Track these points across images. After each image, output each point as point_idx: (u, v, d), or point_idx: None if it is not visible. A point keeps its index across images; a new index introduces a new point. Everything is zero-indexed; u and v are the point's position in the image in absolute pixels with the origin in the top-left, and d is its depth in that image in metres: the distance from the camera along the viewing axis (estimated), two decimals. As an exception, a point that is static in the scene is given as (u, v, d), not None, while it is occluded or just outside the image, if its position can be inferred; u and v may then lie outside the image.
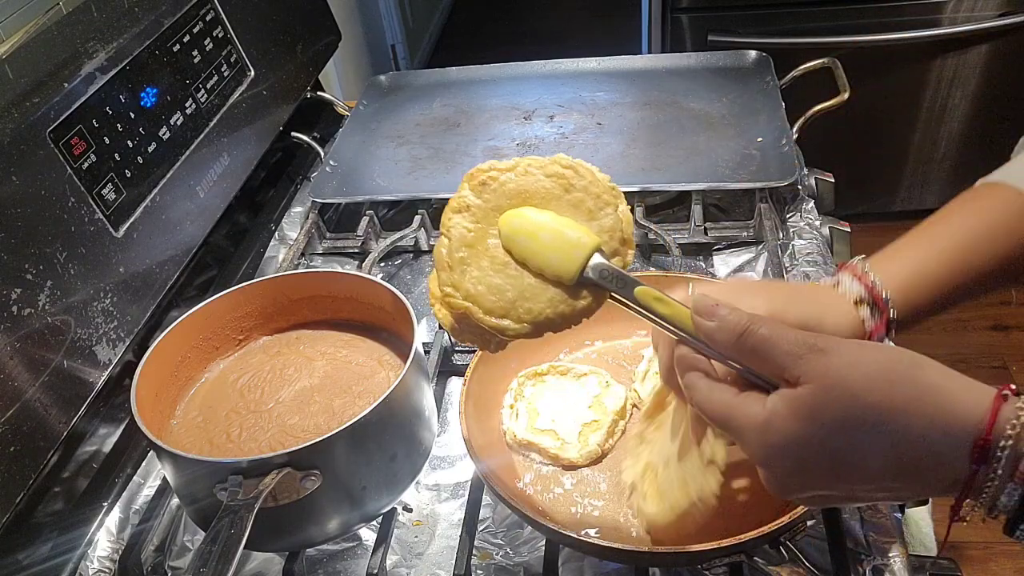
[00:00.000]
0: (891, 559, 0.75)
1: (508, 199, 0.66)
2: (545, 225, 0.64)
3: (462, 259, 0.66)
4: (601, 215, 0.64)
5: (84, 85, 0.92)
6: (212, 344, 0.91)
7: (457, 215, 0.66)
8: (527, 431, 0.86)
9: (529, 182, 0.65)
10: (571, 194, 0.64)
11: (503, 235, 0.65)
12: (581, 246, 0.62)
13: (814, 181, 1.23)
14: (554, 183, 0.65)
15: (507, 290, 0.64)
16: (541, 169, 0.65)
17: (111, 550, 0.85)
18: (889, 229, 0.57)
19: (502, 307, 0.64)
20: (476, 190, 0.66)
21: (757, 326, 0.53)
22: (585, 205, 0.64)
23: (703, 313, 0.56)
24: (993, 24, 2.26)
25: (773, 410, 0.51)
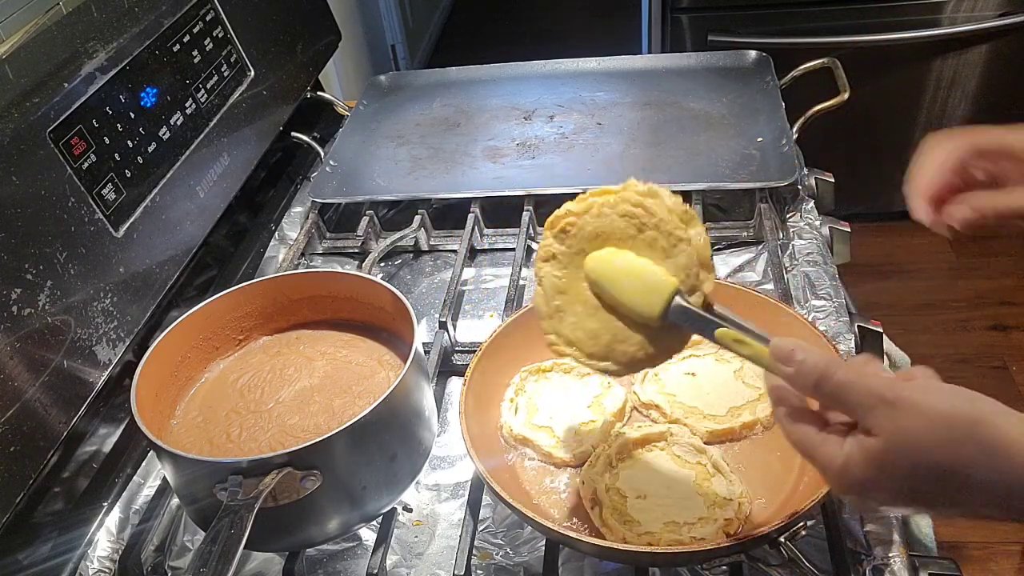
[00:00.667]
0: (891, 559, 0.75)
1: (589, 242, 0.68)
2: (625, 270, 0.65)
3: (558, 307, 0.69)
4: (675, 252, 0.64)
5: (84, 85, 0.92)
6: (212, 344, 0.91)
7: (546, 264, 0.70)
8: (524, 426, 0.86)
9: (605, 224, 0.67)
10: (644, 233, 0.65)
11: (589, 280, 0.68)
12: (660, 291, 0.64)
13: (814, 181, 1.23)
14: (627, 223, 0.66)
15: (603, 335, 0.67)
16: (613, 209, 0.66)
17: (111, 550, 0.85)
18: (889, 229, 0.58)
19: (601, 351, 0.68)
20: (559, 237, 0.69)
21: (832, 373, 0.55)
22: (659, 244, 0.65)
23: (780, 359, 0.58)
24: (993, 24, 2.26)
25: (849, 455, 0.54)
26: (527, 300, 1.09)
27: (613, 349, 0.67)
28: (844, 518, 0.79)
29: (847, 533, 0.77)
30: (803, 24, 2.28)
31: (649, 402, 0.88)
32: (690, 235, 0.64)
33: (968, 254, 2.65)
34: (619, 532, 0.75)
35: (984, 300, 2.48)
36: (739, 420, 0.84)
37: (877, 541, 0.77)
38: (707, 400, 0.87)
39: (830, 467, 0.55)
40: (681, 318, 0.64)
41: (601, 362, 0.68)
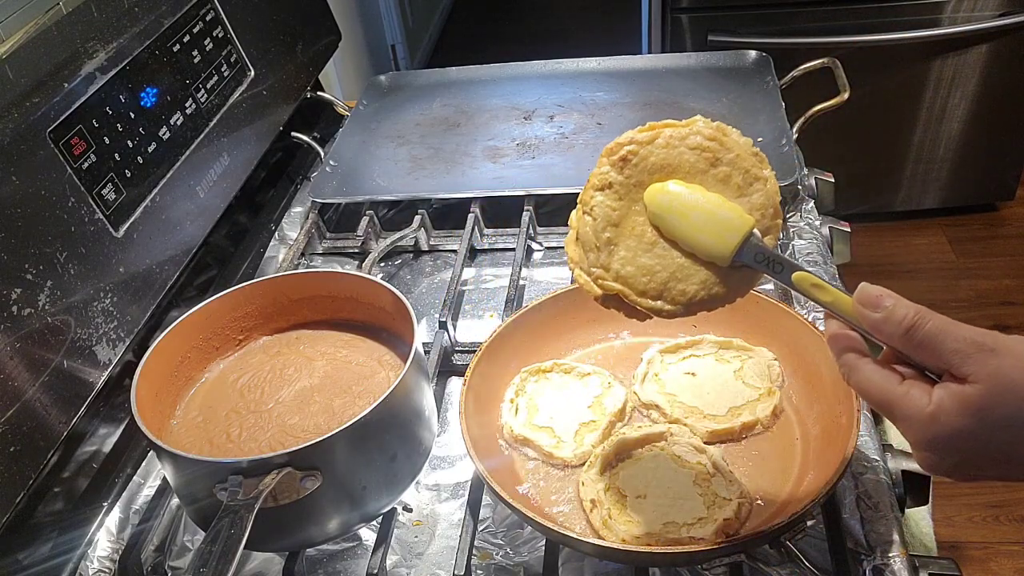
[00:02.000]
0: (891, 559, 0.75)
1: (650, 174, 0.64)
2: (696, 204, 0.61)
3: (609, 239, 0.64)
4: (751, 191, 0.61)
5: (84, 85, 0.92)
6: (212, 344, 0.91)
7: (599, 192, 0.65)
8: (524, 426, 0.86)
9: (672, 155, 0.63)
10: (718, 168, 0.62)
11: (650, 212, 0.63)
12: (735, 228, 0.60)
13: (814, 181, 1.23)
14: (699, 156, 0.62)
15: (658, 271, 0.63)
16: (683, 141, 0.62)
17: (111, 550, 0.85)
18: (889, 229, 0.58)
19: (655, 288, 0.64)
20: (616, 166, 0.64)
21: (925, 320, 0.53)
22: (733, 180, 0.62)
23: (868, 304, 0.55)
24: (993, 24, 2.26)
25: (939, 405, 0.52)
26: (527, 300, 1.09)
27: (670, 288, 0.63)
28: (844, 518, 0.79)
29: (847, 533, 0.77)
30: (803, 24, 2.28)
31: (649, 402, 0.88)
32: (766, 175, 0.61)
33: (968, 254, 2.65)
34: (619, 532, 0.75)
35: (984, 300, 2.48)
36: (739, 420, 0.84)
37: (877, 541, 0.77)
38: (707, 400, 0.87)
39: (917, 416, 0.52)
40: (756, 259, 0.60)
41: (655, 301, 0.64)
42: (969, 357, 0.51)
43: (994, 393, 0.50)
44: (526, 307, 0.93)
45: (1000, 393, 0.50)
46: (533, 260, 1.21)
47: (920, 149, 2.57)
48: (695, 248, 0.62)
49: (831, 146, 1.54)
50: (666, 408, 0.87)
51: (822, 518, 0.78)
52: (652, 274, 0.64)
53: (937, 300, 2.47)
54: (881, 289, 0.56)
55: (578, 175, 1.25)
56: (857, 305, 0.56)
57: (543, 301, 0.93)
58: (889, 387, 0.54)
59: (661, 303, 0.64)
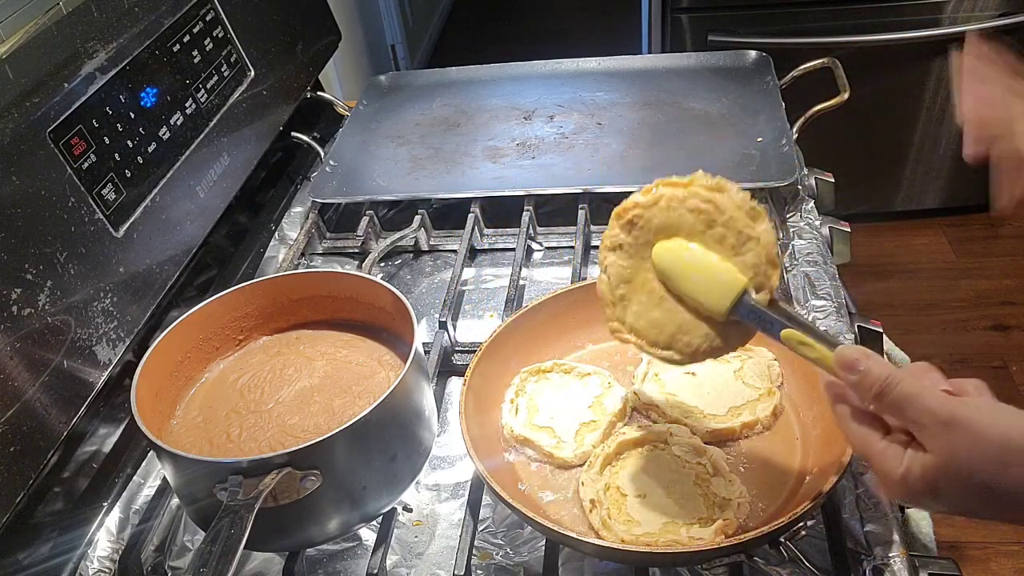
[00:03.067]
0: (891, 559, 0.75)
1: (656, 234, 0.69)
2: (694, 265, 0.67)
3: (622, 295, 0.72)
4: (744, 250, 0.65)
5: (84, 85, 0.92)
6: (212, 344, 0.91)
7: (611, 253, 0.71)
8: (524, 427, 0.86)
9: (673, 217, 0.68)
10: (713, 229, 0.66)
11: (657, 270, 0.69)
12: (728, 289, 0.65)
13: (814, 181, 1.23)
14: (696, 218, 0.67)
15: (666, 325, 0.70)
16: (682, 203, 0.67)
17: (111, 550, 0.85)
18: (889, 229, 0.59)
19: (665, 340, 0.70)
20: (625, 228, 0.70)
21: (892, 386, 0.56)
22: (728, 241, 0.66)
23: (844, 367, 0.60)
24: (993, 24, 2.26)
25: (908, 468, 0.56)
26: (527, 300, 1.09)
27: (677, 340, 0.69)
28: (844, 518, 0.79)
29: (847, 533, 0.77)
30: (803, 24, 2.28)
31: (649, 402, 0.88)
32: (758, 233, 0.65)
33: (968, 254, 2.65)
34: (618, 532, 0.75)
35: (984, 300, 2.48)
36: (739, 420, 0.84)
37: (877, 541, 0.77)
38: (707, 400, 0.87)
39: (890, 476, 0.57)
40: (748, 316, 0.65)
41: (664, 351, 0.70)
42: (926, 429, 0.55)
43: (947, 467, 0.54)
44: (526, 307, 0.93)
45: (951, 467, 0.54)
46: (533, 260, 1.21)
47: (920, 149, 2.57)
48: (695, 305, 0.67)
49: (831, 146, 1.54)
50: (666, 408, 0.87)
51: (822, 518, 0.78)
52: (661, 327, 0.70)
53: (937, 300, 2.47)
54: (859, 351, 0.59)
55: (578, 175, 1.25)
56: (835, 367, 0.61)
57: (543, 301, 0.93)
58: (870, 442, 0.59)
59: (671, 353, 0.70)
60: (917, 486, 0.55)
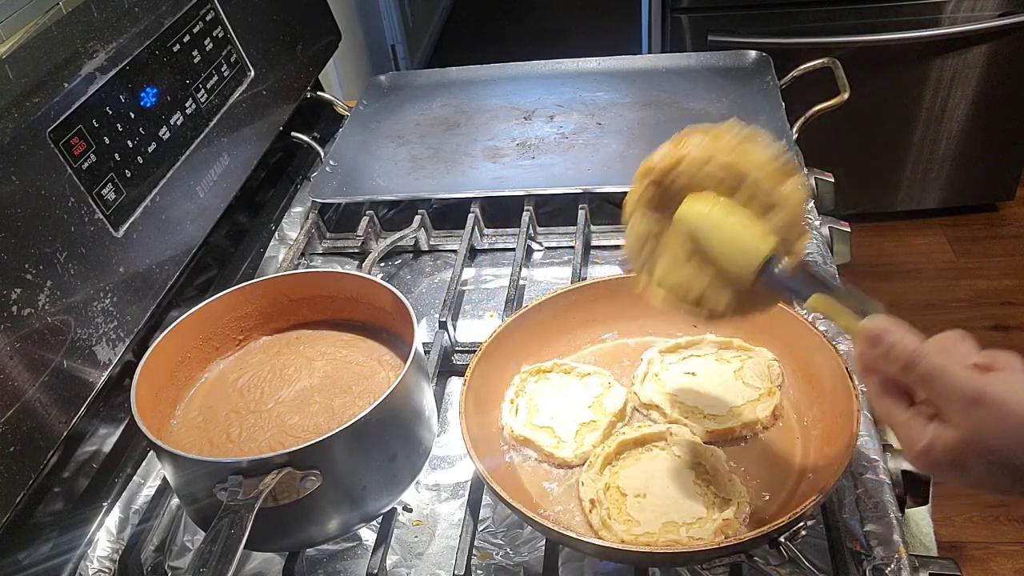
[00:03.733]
0: (891, 559, 0.75)
1: (682, 192, 0.67)
2: (720, 227, 0.65)
3: (648, 255, 0.70)
4: (772, 212, 0.64)
5: (84, 85, 0.92)
6: (212, 344, 0.91)
7: (636, 212, 0.70)
8: (525, 427, 0.86)
9: (698, 177, 0.66)
10: (741, 191, 0.64)
11: (682, 227, 0.67)
12: (754, 254, 0.64)
13: (814, 181, 1.23)
14: (726, 174, 0.65)
15: (691, 289, 0.69)
16: (709, 161, 0.65)
17: (111, 550, 0.85)
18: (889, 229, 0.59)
19: (693, 298, 0.69)
20: (649, 187, 0.68)
21: (919, 359, 0.56)
22: (757, 201, 0.64)
23: (870, 340, 0.59)
24: (993, 24, 2.26)
25: (932, 441, 0.56)
26: (527, 300, 1.09)
27: (707, 298, 0.68)
28: (844, 518, 0.79)
29: (847, 533, 0.77)
30: (803, 24, 2.28)
31: (649, 402, 0.88)
32: (784, 196, 0.63)
33: (968, 254, 2.65)
34: (618, 532, 0.75)
35: (984, 300, 2.48)
36: (739, 420, 0.84)
37: (877, 541, 0.77)
38: (707, 400, 0.87)
39: (913, 447, 0.57)
40: (775, 282, 0.64)
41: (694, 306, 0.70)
42: (951, 404, 0.54)
43: (969, 442, 0.54)
44: (526, 307, 0.93)
45: (974, 443, 0.54)
46: (533, 260, 1.21)
47: (920, 149, 2.57)
48: (721, 267, 0.66)
49: (831, 146, 1.54)
50: (666, 408, 0.87)
51: (822, 518, 0.78)
52: (687, 290, 0.69)
53: (937, 300, 2.47)
54: (884, 323, 0.59)
55: (578, 175, 1.25)
56: (861, 340, 0.60)
57: (543, 301, 0.93)
58: (895, 414, 0.59)
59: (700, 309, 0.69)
60: (941, 459, 0.55)
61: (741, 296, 0.67)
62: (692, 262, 0.68)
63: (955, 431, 0.54)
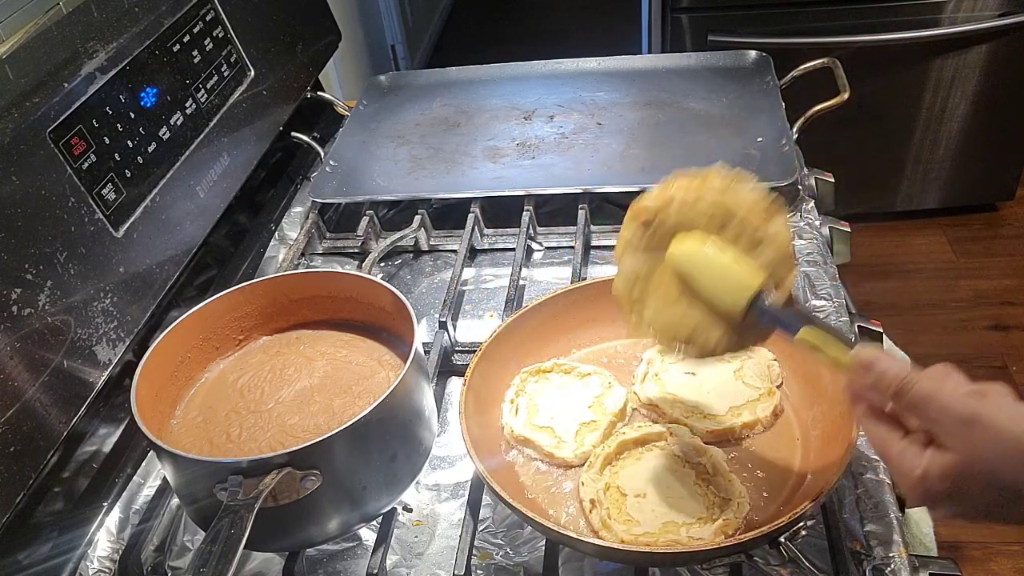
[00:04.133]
0: (891, 559, 0.75)
1: (672, 231, 0.69)
2: (709, 265, 0.67)
3: (639, 296, 0.72)
4: (760, 248, 0.65)
5: (84, 85, 0.92)
6: (212, 344, 0.91)
7: (627, 253, 0.71)
8: (525, 427, 0.86)
9: (688, 216, 0.68)
10: (729, 228, 0.66)
11: (673, 269, 0.69)
12: (743, 289, 0.65)
13: (814, 181, 1.23)
14: (714, 212, 0.66)
15: (682, 327, 0.70)
16: (693, 206, 0.67)
17: (111, 550, 0.85)
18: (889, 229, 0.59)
19: (683, 337, 0.70)
20: (640, 229, 0.70)
21: (910, 387, 0.56)
22: (745, 237, 0.65)
23: (861, 367, 0.59)
24: (993, 24, 2.26)
25: (927, 468, 0.55)
26: (527, 300, 1.09)
27: (696, 337, 0.69)
28: (844, 518, 0.79)
29: (847, 533, 0.77)
30: (803, 24, 2.28)
31: (649, 402, 0.88)
32: (772, 233, 0.65)
33: (968, 254, 2.65)
34: (618, 532, 0.75)
35: (984, 300, 2.48)
36: (739, 420, 0.84)
37: (877, 541, 0.77)
38: (707, 400, 0.87)
39: (908, 476, 0.56)
40: (764, 316, 0.65)
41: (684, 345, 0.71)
42: (946, 428, 0.54)
43: (968, 465, 0.53)
44: (526, 307, 0.93)
45: (972, 465, 0.53)
46: (533, 260, 1.21)
47: (920, 149, 2.57)
48: (711, 304, 0.67)
49: (831, 146, 1.54)
50: (666, 408, 0.87)
51: (822, 518, 0.78)
52: (677, 328, 0.70)
53: (937, 300, 2.47)
54: (875, 354, 0.59)
55: (578, 175, 1.25)
56: (851, 369, 0.60)
57: (543, 301, 0.93)
58: (889, 445, 0.58)
59: (690, 347, 0.70)
60: (936, 486, 0.55)
61: (731, 332, 0.68)
62: (682, 300, 0.69)
63: (951, 455, 0.54)
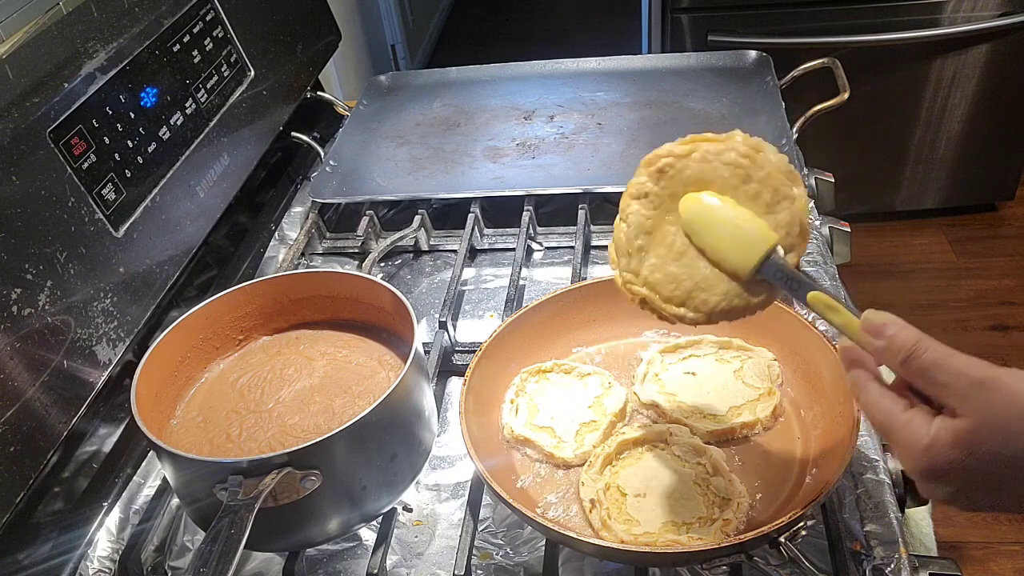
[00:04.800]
0: (891, 559, 0.75)
1: (685, 186, 0.66)
2: (724, 217, 0.64)
3: (640, 247, 0.68)
4: (778, 208, 0.63)
5: (84, 85, 0.92)
6: (212, 344, 0.91)
7: (635, 201, 0.68)
8: (525, 427, 0.86)
9: (707, 170, 0.65)
10: (748, 185, 0.64)
11: (683, 221, 0.66)
12: (758, 244, 0.63)
13: (814, 181, 1.23)
14: (732, 172, 0.64)
15: (684, 280, 0.66)
16: (718, 156, 0.64)
17: (111, 550, 0.85)
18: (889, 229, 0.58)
19: (680, 296, 0.67)
20: (653, 177, 0.67)
21: (922, 351, 0.53)
22: (762, 197, 0.63)
23: (871, 331, 0.57)
24: (993, 24, 2.26)
25: (936, 436, 0.52)
26: (527, 300, 1.09)
27: (693, 296, 0.66)
28: (844, 518, 0.79)
29: (847, 533, 0.77)
30: (803, 24, 2.28)
31: (649, 402, 0.88)
32: (795, 193, 0.63)
33: (968, 254, 2.65)
34: (618, 532, 0.75)
35: (984, 300, 2.48)
36: (739, 420, 0.84)
37: (877, 541, 0.77)
38: (707, 400, 0.87)
39: (914, 446, 0.53)
40: (775, 275, 0.62)
41: (678, 307, 0.67)
42: (960, 391, 0.52)
43: (983, 428, 0.51)
44: (526, 307, 0.93)
45: (988, 428, 0.51)
46: (533, 260, 1.21)
47: (920, 149, 2.57)
48: (720, 260, 0.65)
49: (831, 146, 1.54)
50: (666, 408, 0.87)
51: (822, 518, 0.78)
52: (678, 282, 0.66)
53: (937, 300, 2.47)
54: (886, 317, 0.56)
55: (578, 175, 1.25)
56: (861, 331, 0.58)
57: (543, 301, 0.93)
58: (893, 412, 0.55)
59: (684, 310, 0.67)
60: (944, 456, 0.52)
61: (736, 290, 0.65)
62: (687, 255, 0.67)
63: (963, 420, 0.51)
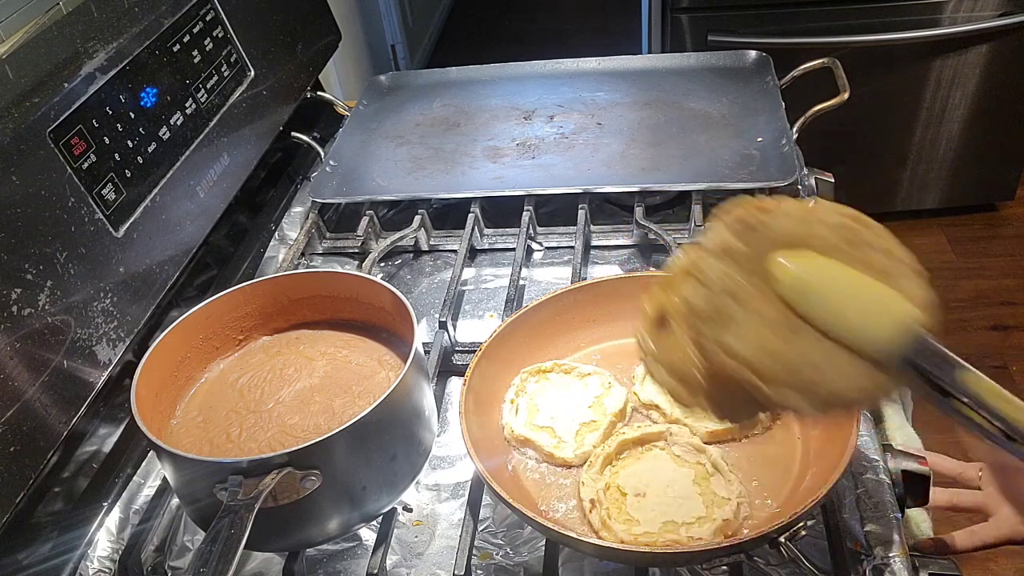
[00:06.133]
0: (891, 559, 0.75)
1: (775, 245, 0.55)
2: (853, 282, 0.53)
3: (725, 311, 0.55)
4: (900, 278, 0.53)
5: (84, 85, 0.92)
6: (212, 344, 0.91)
7: (716, 259, 0.56)
8: (525, 427, 0.86)
9: (803, 228, 0.55)
10: (857, 249, 0.53)
11: (785, 284, 0.54)
12: (907, 317, 0.51)
13: (814, 181, 1.23)
14: (833, 233, 0.54)
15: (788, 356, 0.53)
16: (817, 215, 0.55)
17: (111, 550, 0.85)
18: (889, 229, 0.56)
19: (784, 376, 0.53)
20: (739, 233, 0.56)
21: None
22: (876, 265, 0.53)
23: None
24: (993, 24, 2.26)
25: None
26: (527, 300, 1.09)
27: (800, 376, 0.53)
28: (844, 518, 0.79)
29: (847, 533, 0.77)
30: (803, 24, 2.28)
31: (649, 402, 0.88)
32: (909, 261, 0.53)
33: (968, 254, 2.65)
34: (618, 532, 0.75)
35: (984, 300, 2.48)
36: (739, 420, 0.84)
37: (877, 541, 0.77)
38: (707, 400, 0.87)
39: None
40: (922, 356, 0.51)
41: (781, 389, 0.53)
42: None
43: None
44: (526, 307, 0.93)
45: None
46: (533, 260, 1.21)
47: (920, 149, 2.57)
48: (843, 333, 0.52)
49: (831, 146, 1.54)
50: (666, 408, 0.87)
51: (822, 518, 0.78)
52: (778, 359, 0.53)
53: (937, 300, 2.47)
54: None
55: (578, 175, 1.25)
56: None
57: (543, 301, 0.93)
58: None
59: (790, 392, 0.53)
60: None
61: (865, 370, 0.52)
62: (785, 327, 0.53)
63: None
